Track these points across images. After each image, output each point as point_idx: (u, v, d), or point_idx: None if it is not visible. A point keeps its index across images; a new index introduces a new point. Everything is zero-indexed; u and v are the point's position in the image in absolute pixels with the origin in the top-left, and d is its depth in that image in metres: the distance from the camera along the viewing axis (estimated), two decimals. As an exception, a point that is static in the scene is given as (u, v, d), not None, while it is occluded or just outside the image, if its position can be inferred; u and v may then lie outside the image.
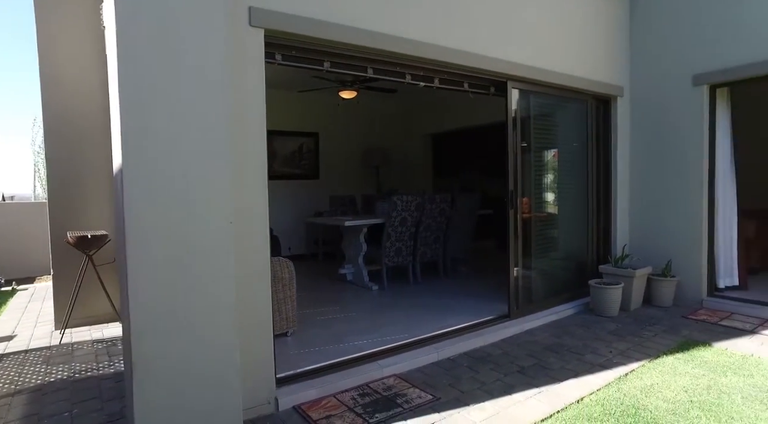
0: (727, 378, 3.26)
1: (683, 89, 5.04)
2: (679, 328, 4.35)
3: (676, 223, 5.13)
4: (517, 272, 4.53)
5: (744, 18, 4.60)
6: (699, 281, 5.00)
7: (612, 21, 5.27)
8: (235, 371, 2.55)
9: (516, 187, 4.38)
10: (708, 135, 4.94)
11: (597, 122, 5.37)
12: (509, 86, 4.28)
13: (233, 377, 2.54)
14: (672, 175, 5.15)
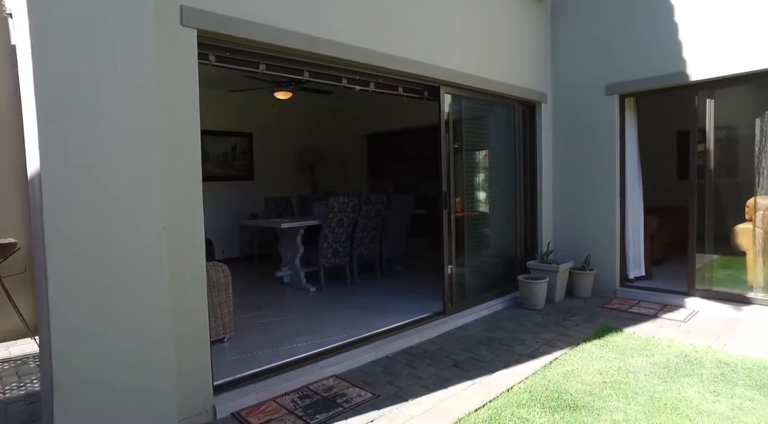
0: (634, 359, 3.62)
1: (598, 97, 5.49)
2: (596, 316, 4.74)
3: (593, 220, 5.58)
4: (451, 270, 4.72)
5: (647, 38, 5.09)
6: (613, 273, 5.48)
7: (536, 34, 5.62)
8: (170, 384, 2.47)
9: (449, 188, 4.56)
10: (619, 139, 5.43)
11: (523, 126, 5.71)
12: (442, 91, 4.45)
13: (168, 389, 2.46)
14: (589, 176, 5.60)
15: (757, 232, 4.68)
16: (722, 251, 5.26)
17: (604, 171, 5.48)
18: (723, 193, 5.25)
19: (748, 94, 4.88)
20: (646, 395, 3.04)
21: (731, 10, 4.55)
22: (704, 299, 4.86)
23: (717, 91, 4.81)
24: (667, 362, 3.56)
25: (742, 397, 2.99)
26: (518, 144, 5.66)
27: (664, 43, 4.97)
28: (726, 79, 4.64)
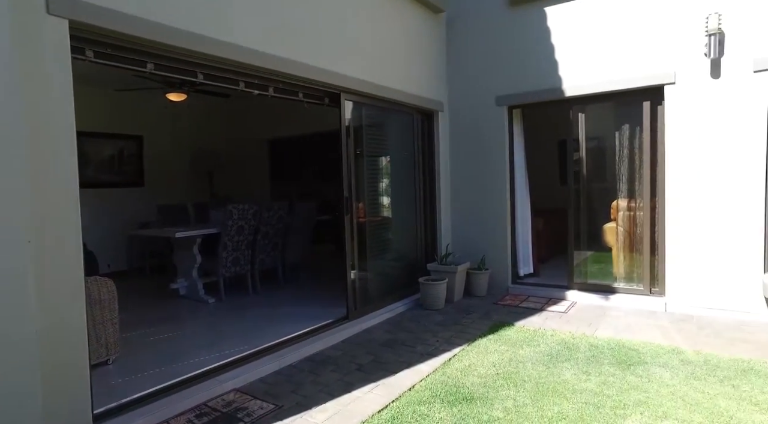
0: (523, 350, 3.93)
1: (489, 108, 5.91)
2: (491, 313, 5.07)
3: (488, 223, 5.97)
4: (355, 275, 4.77)
5: (530, 56, 5.59)
6: (506, 272, 5.91)
7: (433, 46, 5.92)
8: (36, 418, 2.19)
9: (351, 194, 4.62)
10: (508, 147, 5.88)
11: (422, 134, 5.97)
12: (342, 98, 4.49)
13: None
14: (483, 182, 5.99)
15: (620, 230, 5.35)
16: (595, 248, 5.93)
17: (496, 177, 5.90)
18: (595, 196, 5.91)
19: (611, 110, 5.57)
20: (532, 382, 3.32)
21: (594, 38, 5.17)
22: (581, 291, 5.43)
23: (587, 107, 5.43)
24: (550, 350, 3.91)
25: (606, 374, 3.39)
26: (417, 151, 5.90)
27: (545, 61, 5.50)
28: (592, 96, 5.25)
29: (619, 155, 5.28)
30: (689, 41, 4.67)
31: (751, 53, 4.39)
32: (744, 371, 3.37)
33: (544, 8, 5.50)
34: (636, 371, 3.43)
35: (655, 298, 5.00)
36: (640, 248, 5.16)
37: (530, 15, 5.57)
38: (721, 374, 3.32)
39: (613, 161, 5.36)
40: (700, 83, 4.65)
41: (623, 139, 5.25)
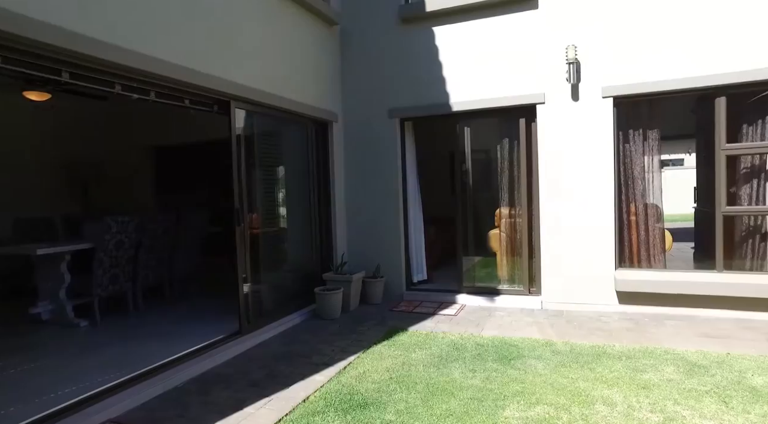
0: (416, 353, 4.09)
1: (382, 120, 6.10)
2: (386, 320, 5.19)
3: (382, 232, 6.13)
4: (248, 288, 4.61)
5: (421, 71, 5.89)
6: (400, 279, 6.10)
7: (328, 57, 5.98)
8: None
9: (242, 204, 4.47)
10: (401, 158, 6.12)
11: (317, 144, 5.97)
12: (233, 106, 4.35)
13: None
14: (378, 191, 6.15)
15: (503, 236, 5.82)
16: (482, 253, 6.37)
17: (389, 187, 6.10)
18: (481, 205, 6.37)
19: (493, 125, 6.05)
20: (423, 383, 3.46)
21: (477, 58, 5.61)
22: (470, 295, 5.78)
23: (472, 121, 5.85)
24: (440, 352, 4.11)
25: (490, 369, 3.65)
26: (313, 161, 5.90)
27: (434, 77, 5.83)
28: (476, 112, 5.67)
29: (501, 167, 5.76)
30: (556, 67, 5.26)
31: (600, 82, 5.08)
32: (599, 355, 3.85)
33: (432, 28, 5.85)
34: (515, 365, 3.74)
35: (534, 297, 5.50)
36: (520, 252, 5.66)
37: (420, 33, 5.89)
38: (582, 360, 3.75)
39: (496, 172, 5.83)
40: (563, 104, 5.26)
41: (504, 152, 5.74)
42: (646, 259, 5.28)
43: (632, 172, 5.24)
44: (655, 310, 4.99)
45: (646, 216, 5.26)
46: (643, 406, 2.99)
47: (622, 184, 5.26)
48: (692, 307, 4.88)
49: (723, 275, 4.84)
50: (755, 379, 3.31)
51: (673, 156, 17.57)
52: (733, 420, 2.80)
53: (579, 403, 3.05)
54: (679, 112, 5.55)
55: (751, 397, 3.06)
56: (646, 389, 3.21)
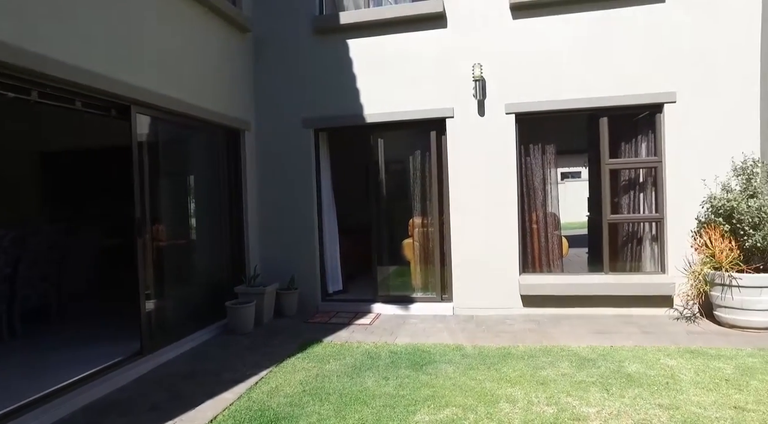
0: (330, 364, 4.06)
1: (297, 130, 6.04)
2: (301, 332, 5.10)
3: (297, 243, 6.04)
4: (153, 304, 4.31)
5: (335, 82, 5.93)
6: (315, 290, 6.03)
7: (240, 64, 5.82)
8: None
9: (144, 215, 4.18)
10: (315, 168, 6.09)
11: (229, 153, 5.77)
12: (133, 111, 4.07)
13: None
14: (292, 201, 6.06)
15: (416, 245, 5.99)
16: (397, 262, 6.49)
17: (303, 197, 6.03)
18: (395, 215, 6.50)
19: (406, 137, 6.24)
20: (337, 394, 3.44)
21: (391, 72, 5.77)
22: (385, 303, 5.86)
23: (385, 133, 5.99)
24: (355, 361, 4.11)
25: (402, 376, 3.73)
26: (224, 170, 5.68)
27: (348, 88, 5.90)
28: (389, 124, 5.81)
29: (413, 177, 5.95)
30: (464, 83, 5.55)
31: (504, 99, 5.46)
32: (504, 356, 4.08)
33: (347, 40, 5.93)
34: (427, 370, 3.84)
35: (446, 304, 5.70)
36: (432, 260, 5.85)
37: (335, 45, 5.94)
38: (489, 362, 3.95)
39: (409, 183, 6.00)
40: (471, 118, 5.57)
41: (416, 163, 5.94)
42: (546, 264, 5.72)
43: (533, 184, 5.67)
44: (555, 311, 5.39)
45: (546, 224, 5.71)
46: (541, 400, 3.21)
47: (524, 195, 5.67)
48: (585, 307, 5.35)
49: (609, 276, 5.37)
50: (631, 367, 3.70)
51: (573, 169, 19.20)
52: (612, 404, 3.10)
53: (485, 402, 3.21)
54: (575, 130, 6.09)
55: (626, 383, 3.41)
56: (544, 385, 3.45)
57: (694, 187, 5.08)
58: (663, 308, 5.19)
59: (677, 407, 3.04)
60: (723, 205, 4.72)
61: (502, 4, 5.49)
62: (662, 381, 3.42)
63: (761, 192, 4.65)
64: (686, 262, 5.06)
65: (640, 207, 5.53)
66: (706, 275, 4.71)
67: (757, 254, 4.60)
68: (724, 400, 3.11)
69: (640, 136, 5.43)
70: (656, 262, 5.40)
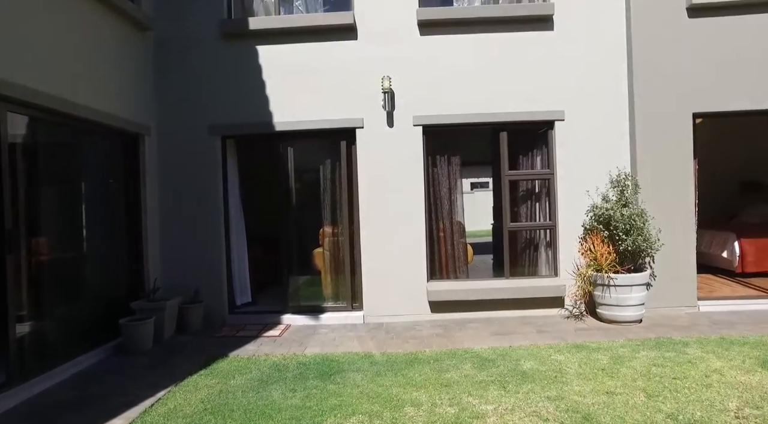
0: (235, 380, 3.89)
1: (203, 136, 5.77)
2: (205, 347, 4.84)
3: (202, 254, 5.73)
4: (29, 327, 3.86)
5: (244, 89, 5.76)
6: (222, 303, 5.77)
7: (139, 65, 5.46)
8: None
9: (17, 227, 3.74)
10: (222, 176, 5.85)
11: (126, 158, 5.36)
12: (3, 109, 3.64)
13: None
14: (197, 211, 5.75)
15: (326, 254, 5.97)
16: (307, 272, 6.42)
17: (209, 206, 5.76)
18: (306, 224, 6.42)
19: (316, 146, 6.23)
20: (241, 410, 3.31)
21: (302, 81, 5.73)
22: (295, 314, 5.75)
23: (296, 142, 5.93)
24: (261, 375, 3.99)
25: (310, 387, 3.68)
26: (120, 177, 5.27)
27: (258, 96, 5.76)
28: (300, 133, 5.76)
29: (324, 187, 5.94)
30: (373, 94, 5.67)
31: (411, 111, 5.67)
32: (411, 361, 4.18)
33: (257, 46, 5.80)
34: (335, 380, 3.82)
35: (356, 312, 5.73)
36: (343, 269, 5.85)
37: (244, 50, 5.79)
38: (397, 368, 4.03)
39: (320, 192, 5.98)
40: (380, 129, 5.69)
41: (327, 172, 5.93)
42: (452, 271, 5.97)
43: (440, 193, 5.92)
44: (461, 315, 5.64)
45: (452, 232, 5.97)
46: (444, 402, 3.33)
47: (432, 205, 5.89)
48: (489, 310, 5.65)
49: (509, 281, 5.74)
50: (526, 364, 3.98)
51: (482, 179, 20.30)
52: (508, 400, 3.31)
53: (391, 408, 3.26)
54: (483, 142, 6.44)
55: (521, 379, 3.66)
56: (448, 387, 3.59)
57: (581, 197, 5.61)
58: (556, 308, 5.64)
59: (562, 397, 3.31)
60: (603, 213, 5.27)
61: (410, 20, 5.70)
62: (552, 375, 3.71)
63: (632, 202, 5.25)
64: (575, 265, 5.55)
65: (536, 215, 5.99)
66: (590, 276, 5.20)
67: (628, 256, 5.17)
68: (599, 387, 3.45)
69: (535, 150, 5.90)
70: (550, 266, 5.86)
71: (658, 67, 5.49)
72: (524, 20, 5.65)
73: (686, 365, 3.82)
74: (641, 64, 5.51)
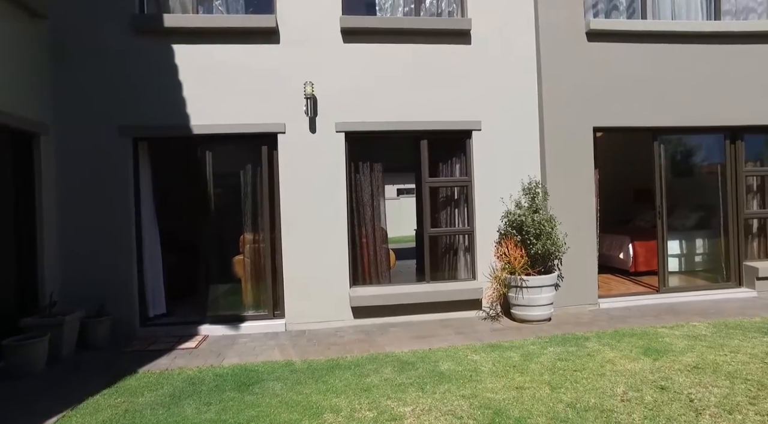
0: (143, 397, 3.65)
1: (112, 138, 5.38)
2: (112, 364, 4.49)
3: (109, 265, 5.32)
4: None
5: (156, 89, 5.46)
6: (133, 315, 5.39)
7: (31, 55, 5.00)
8: None
9: None
10: (134, 180, 5.48)
11: (15, 159, 4.87)
12: None
13: None
14: (104, 217, 5.33)
15: (247, 261, 5.79)
16: (228, 280, 6.17)
17: (119, 213, 5.38)
18: (226, 231, 6.18)
19: (236, 150, 6.01)
20: (149, 427, 3.11)
21: (221, 83, 5.55)
22: (214, 324, 5.52)
23: (215, 146, 5.71)
24: (173, 390, 3.77)
25: (227, 399, 3.55)
26: (8, 180, 4.77)
27: (174, 96, 5.49)
28: (219, 136, 5.56)
29: (245, 192, 5.77)
30: (296, 100, 5.61)
31: (334, 117, 5.68)
32: (333, 367, 4.17)
33: (173, 45, 5.53)
34: (253, 390, 3.72)
35: (278, 320, 5.61)
36: (264, 276, 5.71)
37: (159, 48, 5.49)
38: (318, 375, 4.00)
39: (240, 198, 5.80)
40: (303, 135, 5.65)
41: (247, 177, 5.77)
42: (375, 276, 6.04)
43: (363, 199, 5.97)
44: (383, 320, 5.71)
45: (375, 238, 6.04)
46: (363, 406, 3.36)
47: (354, 211, 5.93)
48: (411, 314, 5.77)
49: (430, 285, 5.91)
50: (444, 365, 4.12)
51: (409, 186, 20.76)
52: (425, 401, 3.40)
53: (309, 416, 3.23)
54: (408, 149, 6.56)
55: (439, 380, 3.78)
56: (368, 391, 3.61)
57: (497, 203, 5.91)
58: (474, 310, 5.89)
59: (476, 395, 3.46)
60: (516, 219, 5.60)
61: (334, 27, 5.73)
62: (467, 375, 3.87)
63: (542, 208, 5.63)
64: (491, 268, 5.84)
65: (455, 221, 6.22)
66: (505, 279, 5.50)
67: (539, 259, 5.54)
68: (510, 383, 3.66)
69: (455, 158, 6.14)
70: (469, 270, 6.12)
71: (563, 84, 5.96)
72: (444, 33, 5.89)
73: (586, 358, 4.15)
74: (549, 80, 5.96)
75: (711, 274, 7.06)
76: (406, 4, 6.16)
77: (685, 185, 7.53)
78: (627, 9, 6.42)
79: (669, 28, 6.18)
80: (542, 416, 3.10)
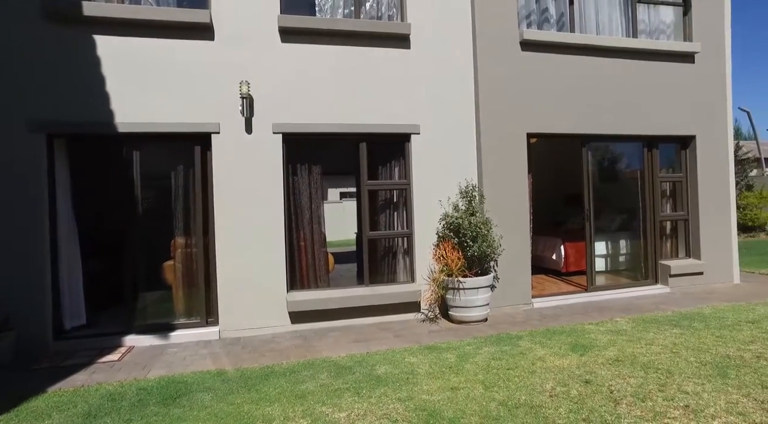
0: (51, 419, 3.34)
1: (20, 133, 4.92)
2: (13, 385, 4.03)
3: (17, 273, 4.85)
4: None
5: (75, 82, 5.06)
6: (44, 328, 4.94)
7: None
8: None
9: None
10: (48, 181, 5.04)
11: None
12: None
13: None
14: (10, 221, 4.87)
15: (178, 267, 5.50)
16: (157, 287, 5.82)
17: (29, 217, 4.93)
18: (155, 235, 5.83)
19: (167, 150, 5.70)
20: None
21: (150, 79, 5.25)
22: (141, 334, 5.18)
23: (143, 145, 5.37)
24: (89, 408, 3.49)
25: (150, 414, 3.33)
26: None
27: (96, 91, 5.12)
28: (147, 135, 5.24)
29: (176, 194, 5.48)
30: (231, 99, 5.41)
31: (271, 118, 5.53)
32: (267, 375, 4.03)
33: (95, 35, 5.17)
34: (181, 403, 3.51)
35: (211, 328, 5.36)
36: (196, 282, 5.44)
37: (79, 38, 5.11)
38: (251, 383, 3.84)
39: (171, 200, 5.50)
40: (238, 135, 5.45)
41: (179, 179, 5.49)
42: (313, 280, 5.93)
43: (301, 202, 5.85)
44: (322, 325, 5.61)
45: (313, 242, 5.93)
46: (297, 414, 3.26)
47: (292, 214, 5.79)
48: (350, 318, 5.71)
49: (369, 288, 5.88)
50: (381, 369, 4.09)
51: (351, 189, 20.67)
52: (361, 406, 3.36)
53: (240, 427, 3.09)
54: (350, 152, 6.49)
55: (375, 384, 3.75)
56: (302, 398, 3.52)
57: (435, 206, 6.00)
58: (413, 312, 5.92)
59: (412, 397, 3.46)
60: (453, 221, 5.70)
61: (272, 26, 5.59)
62: (404, 377, 3.86)
63: (478, 211, 5.78)
64: (430, 271, 5.90)
65: (394, 224, 6.24)
66: (443, 281, 5.57)
67: (476, 261, 5.67)
68: (445, 384, 3.69)
69: (394, 162, 6.16)
70: (407, 272, 6.15)
71: (499, 90, 6.16)
72: (384, 37, 5.91)
73: (518, 356, 4.28)
74: (485, 86, 6.14)
75: (632, 272, 7.56)
76: (346, 6, 6.13)
77: (610, 190, 8.03)
78: (557, 22, 6.75)
79: (593, 42, 6.55)
80: (475, 415, 3.14)
